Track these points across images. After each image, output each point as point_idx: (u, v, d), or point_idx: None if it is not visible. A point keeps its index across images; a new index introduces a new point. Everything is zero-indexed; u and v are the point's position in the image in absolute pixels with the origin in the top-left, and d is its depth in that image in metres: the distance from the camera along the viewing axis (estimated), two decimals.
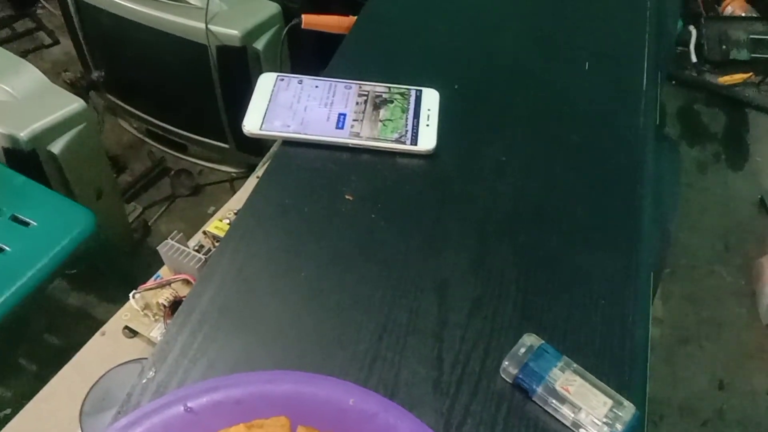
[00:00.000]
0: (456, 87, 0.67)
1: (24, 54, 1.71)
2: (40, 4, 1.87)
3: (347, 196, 0.56)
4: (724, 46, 1.65)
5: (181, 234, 0.88)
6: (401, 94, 0.64)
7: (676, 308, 1.24)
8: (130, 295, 0.86)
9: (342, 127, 0.61)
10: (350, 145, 0.60)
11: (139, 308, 0.83)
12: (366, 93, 0.64)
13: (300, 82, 0.65)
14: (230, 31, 1.22)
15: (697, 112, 1.66)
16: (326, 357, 0.45)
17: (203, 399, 0.37)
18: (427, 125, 0.62)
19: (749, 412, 1.16)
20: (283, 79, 0.66)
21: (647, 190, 0.60)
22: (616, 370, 0.46)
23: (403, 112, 0.63)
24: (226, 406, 0.37)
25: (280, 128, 0.61)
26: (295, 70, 0.67)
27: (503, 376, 0.45)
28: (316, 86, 0.65)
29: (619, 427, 0.41)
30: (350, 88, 0.65)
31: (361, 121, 0.61)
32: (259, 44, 1.26)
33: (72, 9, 1.38)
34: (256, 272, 0.50)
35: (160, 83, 1.43)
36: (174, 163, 1.57)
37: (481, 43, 0.74)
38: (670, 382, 1.14)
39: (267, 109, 0.62)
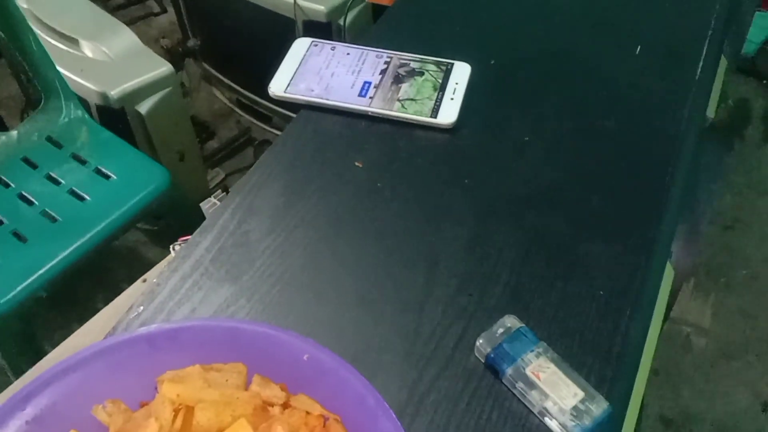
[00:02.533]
0: (492, 62, 0.66)
1: (133, 21, 1.80)
2: None
3: (357, 163, 0.56)
4: None
5: (224, 193, 0.91)
6: (431, 65, 0.63)
7: (727, 320, 1.16)
8: (171, 246, 0.90)
9: (364, 95, 0.60)
10: (369, 114, 0.60)
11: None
12: (396, 63, 0.64)
13: (333, 48, 0.66)
14: (317, 7, 1.24)
15: None
16: (304, 315, 0.46)
17: (167, 338, 0.39)
18: (452, 99, 0.60)
19: None
20: (316, 45, 0.66)
21: (677, 185, 0.56)
22: (599, 364, 0.44)
23: (429, 83, 0.62)
24: (188, 348, 0.39)
25: (304, 92, 0.61)
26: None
27: (476, 354, 0.44)
28: (348, 53, 0.65)
29: (586, 421, 0.40)
30: (381, 57, 0.64)
31: (385, 90, 0.61)
32: (344, 20, 1.27)
33: None
34: (253, 227, 0.51)
35: (250, 54, 1.47)
36: (259, 133, 1.62)
37: (528, 22, 0.71)
38: (708, 397, 1.07)
39: (295, 73, 0.63)
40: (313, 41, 0.67)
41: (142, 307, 0.46)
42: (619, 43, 0.68)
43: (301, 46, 0.66)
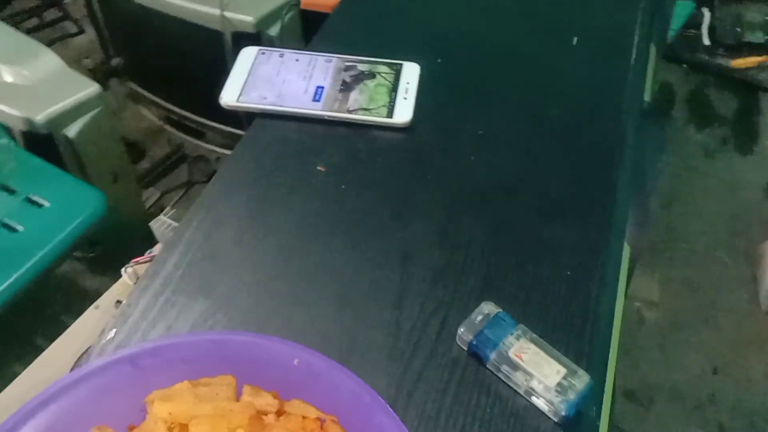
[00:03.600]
0: (439, 61, 0.67)
1: (50, 42, 1.74)
2: None
3: (319, 168, 0.56)
4: (737, 29, 1.61)
5: (174, 210, 0.89)
6: (381, 67, 0.64)
7: (674, 293, 1.22)
8: (122, 269, 0.87)
9: (319, 100, 0.61)
10: (326, 118, 0.60)
11: (131, 282, 0.84)
12: (346, 66, 0.64)
13: (281, 55, 0.66)
14: (245, 18, 1.23)
15: (707, 96, 1.62)
16: (284, 321, 0.46)
17: (150, 357, 0.38)
18: (405, 98, 0.61)
19: (742, 398, 1.14)
20: (264, 53, 0.66)
21: (625, 166, 0.59)
22: (575, 340, 0.46)
23: (381, 85, 0.62)
24: (174, 365, 0.38)
25: (257, 100, 0.61)
26: None
27: (459, 343, 0.45)
28: (297, 60, 0.65)
29: (571, 395, 0.41)
30: (330, 61, 0.65)
31: (339, 93, 0.61)
32: (274, 30, 1.26)
33: None
34: (221, 240, 0.50)
35: (177, 70, 1.44)
36: (192, 149, 1.59)
37: (468, 19, 0.73)
38: (663, 366, 1.13)
39: (246, 82, 0.63)
40: (260, 49, 0.66)
41: (114, 330, 0.45)
42: (557, 36, 0.71)
43: (248, 55, 0.66)
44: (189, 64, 1.41)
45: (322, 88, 0.62)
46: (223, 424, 0.35)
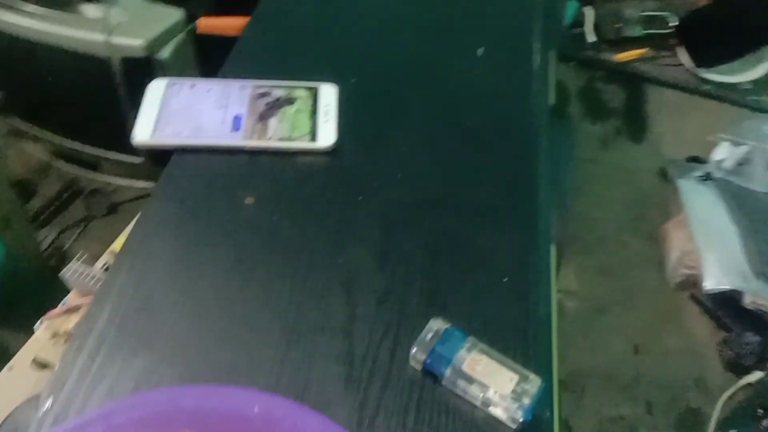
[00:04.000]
0: (353, 81, 0.67)
1: None
2: None
3: (247, 200, 0.55)
4: (618, 25, 1.72)
5: (86, 255, 0.84)
6: (298, 91, 0.64)
7: (590, 280, 1.29)
8: (36, 324, 0.82)
9: (238, 130, 0.59)
10: (247, 148, 0.59)
11: (47, 337, 0.79)
12: (261, 92, 0.63)
13: (192, 86, 0.64)
14: (133, 42, 1.18)
15: (598, 90, 1.72)
16: (233, 366, 0.44)
17: (100, 426, 0.36)
18: (326, 121, 0.61)
19: (663, 372, 1.22)
20: (174, 85, 0.64)
21: (543, 167, 0.61)
22: (521, 345, 0.47)
23: (301, 109, 0.62)
24: (124, 429, 0.36)
25: (173, 136, 0.59)
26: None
27: (413, 363, 0.45)
28: (210, 89, 0.63)
29: (526, 400, 0.42)
30: (245, 88, 0.63)
31: (258, 121, 0.60)
32: (165, 53, 1.22)
33: None
34: (154, 286, 0.48)
35: (64, 101, 1.37)
36: (86, 183, 1.51)
37: (377, 36, 0.74)
38: (589, 352, 1.19)
39: (158, 117, 0.60)
40: (169, 81, 0.64)
41: (51, 399, 0.42)
42: (463, 47, 0.73)
43: (157, 88, 0.63)
44: (77, 95, 1.34)
45: (240, 117, 0.61)
46: None
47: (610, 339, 1.22)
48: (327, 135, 0.60)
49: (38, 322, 0.80)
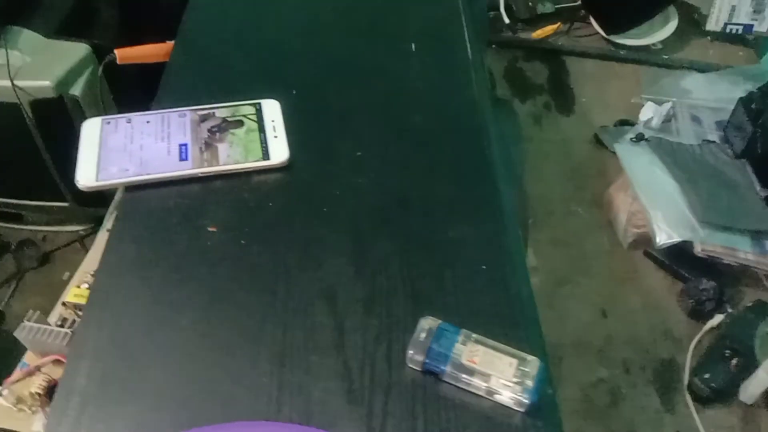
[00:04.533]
0: (294, 92, 0.66)
1: None
2: None
3: (210, 229, 0.53)
4: (530, 3, 1.77)
5: (38, 312, 0.79)
6: (239, 110, 0.62)
7: (547, 254, 1.32)
8: None
9: (186, 158, 0.57)
10: (199, 175, 0.57)
11: (11, 405, 0.74)
12: (203, 117, 0.61)
13: (129, 121, 0.61)
14: (40, 83, 1.12)
15: (521, 69, 1.76)
16: (228, 401, 0.43)
17: None
18: (275, 137, 0.60)
19: (632, 331, 1.26)
20: (109, 122, 0.61)
21: (495, 154, 0.62)
22: (511, 329, 0.47)
23: (247, 128, 0.60)
24: None
25: (119, 174, 0.56)
26: (123, 109, 0.63)
27: (411, 365, 0.44)
28: (148, 121, 0.61)
29: (529, 382, 0.43)
30: (185, 116, 0.61)
31: (205, 146, 0.58)
32: (76, 89, 1.17)
33: None
34: (130, 334, 0.46)
35: None
36: (12, 236, 1.43)
37: (308, 44, 0.73)
38: (559, 322, 1.21)
39: (99, 157, 0.57)
40: (103, 119, 0.61)
41: None
42: (395, 45, 0.73)
43: (92, 127, 0.60)
44: None
45: (186, 144, 0.58)
46: None
47: (577, 307, 1.25)
48: (280, 151, 0.58)
49: None
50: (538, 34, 1.77)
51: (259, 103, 0.63)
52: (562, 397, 1.11)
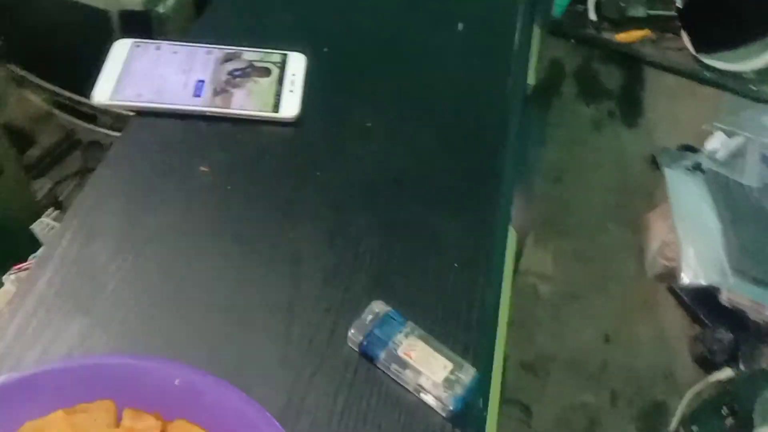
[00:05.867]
0: (325, 50, 0.66)
1: None
2: None
3: (202, 168, 0.54)
4: (621, 4, 1.68)
5: (57, 211, 0.84)
6: (265, 58, 0.62)
7: (566, 265, 1.28)
8: (3, 277, 0.82)
9: (200, 95, 0.58)
10: (207, 114, 0.58)
11: (14, 291, 0.79)
12: (227, 57, 0.62)
13: (158, 48, 0.62)
14: None
15: (595, 70, 1.69)
16: (168, 337, 0.44)
17: (20, 389, 0.36)
18: (291, 91, 0.60)
19: (632, 363, 1.22)
20: (139, 46, 0.62)
21: (509, 151, 0.60)
22: (462, 333, 0.47)
23: (266, 77, 0.61)
24: (46, 394, 0.36)
25: (132, 97, 0.58)
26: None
27: (350, 344, 0.45)
28: (175, 52, 0.62)
29: (458, 389, 0.42)
30: (211, 53, 0.62)
31: (221, 87, 0.59)
32: (163, 7, 1.20)
33: None
34: (98, 251, 0.48)
35: (64, 52, 1.35)
36: (85, 135, 1.49)
37: (354, 8, 0.72)
38: (557, 338, 1.18)
39: (119, 78, 0.59)
40: (134, 42, 0.62)
41: None
42: (443, 22, 0.71)
43: (121, 48, 0.62)
44: (77, 46, 1.32)
45: (203, 81, 0.59)
46: None
47: (581, 326, 1.22)
48: (291, 106, 0.59)
49: (6, 274, 0.80)
50: (623, 37, 1.69)
51: (286, 55, 0.63)
52: (538, 412, 1.09)
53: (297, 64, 0.62)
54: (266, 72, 0.61)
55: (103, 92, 0.58)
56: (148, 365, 0.37)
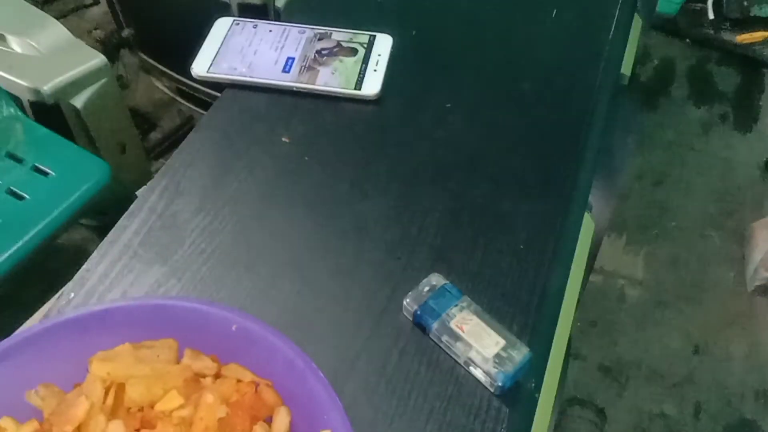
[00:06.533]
0: (414, 33, 0.67)
1: (65, 14, 1.74)
2: None
3: (284, 139, 0.57)
4: (745, 2, 1.57)
5: None
6: (354, 38, 0.64)
7: (659, 270, 1.21)
8: None
9: (288, 71, 0.61)
10: (294, 89, 0.60)
11: None
12: (318, 37, 0.64)
13: (255, 26, 0.66)
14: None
15: (709, 72, 1.58)
16: (233, 289, 0.47)
17: (96, 320, 0.39)
18: (375, 70, 0.61)
19: (721, 378, 1.14)
20: (238, 24, 0.66)
21: (592, 140, 0.59)
22: (520, 313, 0.46)
23: (352, 56, 0.62)
24: (118, 328, 0.39)
25: (227, 70, 0.61)
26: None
27: (404, 313, 0.45)
28: (270, 31, 0.65)
29: (508, 367, 0.42)
30: (303, 32, 0.65)
31: (309, 64, 0.61)
32: (280, 1, 1.26)
33: None
34: (181, 208, 0.51)
35: (186, 42, 1.44)
36: (197, 119, 1.60)
37: None
38: (641, 344, 1.12)
39: (217, 53, 0.63)
40: (234, 20, 0.66)
41: (73, 294, 0.46)
42: (536, 7, 0.70)
43: (222, 25, 0.66)
44: (198, 36, 1.41)
45: (293, 58, 0.62)
46: (158, 384, 0.36)
47: (669, 334, 1.15)
48: (372, 84, 0.60)
49: None
50: (745, 38, 1.58)
51: (374, 36, 0.64)
52: (613, 417, 1.04)
53: (383, 45, 0.64)
54: (352, 52, 0.63)
55: (201, 65, 0.62)
56: (210, 310, 0.39)
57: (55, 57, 1.11)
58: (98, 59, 1.11)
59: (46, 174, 0.97)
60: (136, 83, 1.65)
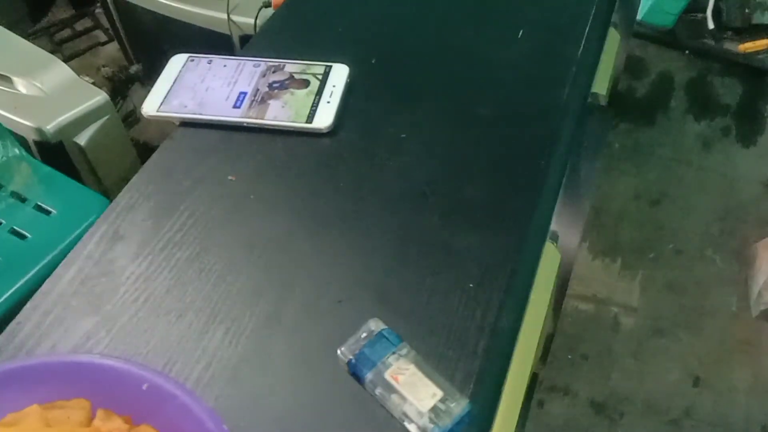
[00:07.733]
0: (373, 61, 0.65)
1: (80, 53, 1.77)
2: (98, 4, 1.93)
3: (230, 177, 0.55)
4: (746, 10, 1.53)
5: None
6: (308, 69, 0.62)
7: (655, 297, 1.15)
8: None
9: (239, 106, 0.59)
10: (244, 125, 0.59)
11: None
12: (272, 68, 0.63)
13: (209, 62, 0.65)
14: (248, 20, 1.24)
15: (710, 84, 1.54)
16: (161, 339, 0.44)
17: (6, 379, 0.37)
18: (328, 102, 0.60)
19: (723, 411, 1.08)
20: (193, 60, 0.65)
21: (554, 166, 0.56)
22: (465, 360, 0.43)
23: (304, 88, 0.61)
24: (30, 388, 0.38)
25: (177, 108, 0.60)
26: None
27: (340, 362, 0.43)
28: (225, 65, 0.64)
29: (446, 421, 0.39)
30: (258, 66, 0.63)
31: (261, 99, 0.60)
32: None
33: (111, 6, 1.44)
34: (118, 254, 0.50)
35: None
36: None
37: (410, 17, 0.70)
38: (637, 376, 1.06)
39: (169, 90, 0.62)
40: (189, 56, 0.65)
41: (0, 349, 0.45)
42: (501, 29, 0.68)
43: (177, 62, 0.65)
44: None
45: (245, 93, 0.61)
46: None
47: (667, 366, 1.09)
48: (325, 117, 0.58)
49: None
50: (747, 47, 1.54)
51: (330, 66, 0.63)
52: None
53: (339, 75, 0.62)
54: (304, 84, 0.61)
55: (152, 104, 0.61)
56: (122, 368, 0.37)
57: (59, 96, 1.12)
58: (100, 96, 1.12)
59: (48, 212, 0.97)
60: (143, 116, 1.66)
